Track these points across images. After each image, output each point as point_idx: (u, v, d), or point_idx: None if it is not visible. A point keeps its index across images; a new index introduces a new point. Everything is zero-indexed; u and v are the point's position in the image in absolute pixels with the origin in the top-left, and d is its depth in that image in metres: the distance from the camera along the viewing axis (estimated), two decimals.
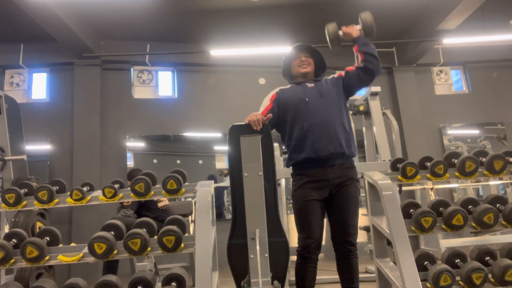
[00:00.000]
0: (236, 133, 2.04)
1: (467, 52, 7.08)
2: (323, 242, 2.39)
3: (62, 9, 5.00)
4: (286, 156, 2.46)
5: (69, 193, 2.60)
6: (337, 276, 2.36)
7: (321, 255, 2.37)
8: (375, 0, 5.59)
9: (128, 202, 3.70)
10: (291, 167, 2.42)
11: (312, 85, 2.43)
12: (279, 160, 4.58)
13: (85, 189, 2.62)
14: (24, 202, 2.57)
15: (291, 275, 4.22)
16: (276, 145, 4.29)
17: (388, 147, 4.42)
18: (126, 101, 6.52)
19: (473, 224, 2.41)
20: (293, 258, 2.33)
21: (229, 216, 6.21)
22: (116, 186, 2.62)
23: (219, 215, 6.30)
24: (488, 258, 2.43)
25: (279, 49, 6.25)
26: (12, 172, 4.16)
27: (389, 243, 2.45)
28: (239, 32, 6.16)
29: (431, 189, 5.02)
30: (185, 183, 2.48)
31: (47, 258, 2.35)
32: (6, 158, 4.04)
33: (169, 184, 2.40)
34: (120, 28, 5.99)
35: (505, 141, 6.98)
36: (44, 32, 5.37)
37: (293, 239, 2.38)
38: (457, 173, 2.64)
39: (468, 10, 5.41)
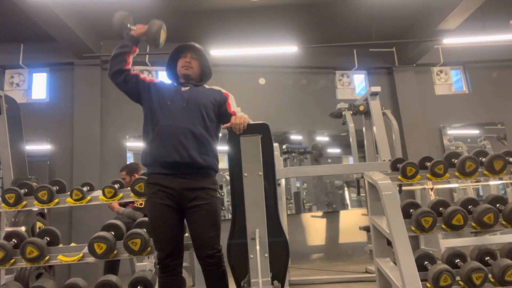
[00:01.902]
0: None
1: (467, 52, 7.08)
2: (323, 242, 2.38)
3: (62, 9, 5.00)
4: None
5: (69, 193, 2.60)
6: (337, 276, 2.35)
7: (321, 255, 2.37)
8: (375, 0, 5.60)
9: (141, 204, 3.68)
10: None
11: (187, 88, 2.25)
12: (279, 160, 4.57)
13: (85, 189, 2.63)
14: (24, 202, 2.57)
15: (291, 275, 4.22)
16: (276, 145, 4.29)
17: (388, 147, 4.42)
18: (126, 101, 6.49)
19: (473, 224, 2.42)
20: (294, 257, 2.32)
21: (229, 216, 6.22)
22: (116, 186, 2.62)
23: None
24: (488, 258, 2.43)
25: (279, 49, 6.26)
26: (12, 172, 4.16)
27: (389, 243, 2.45)
28: (239, 32, 6.17)
29: (431, 189, 5.02)
30: None
31: (47, 258, 2.36)
32: None
33: None
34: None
35: (505, 141, 6.98)
36: (44, 32, 5.37)
37: (293, 239, 2.37)
38: (457, 173, 2.64)
39: (468, 10, 5.41)
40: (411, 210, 2.50)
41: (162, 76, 6.88)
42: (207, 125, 2.18)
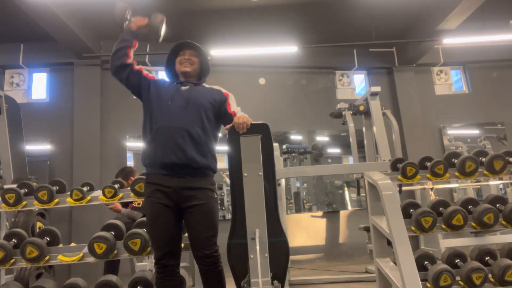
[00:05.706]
0: (236, 133, 2.04)
1: (467, 52, 7.09)
2: (323, 242, 2.38)
3: (62, 9, 5.00)
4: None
5: (69, 193, 2.61)
6: (337, 276, 2.35)
7: (321, 255, 2.36)
8: (375, 0, 5.60)
9: (139, 204, 3.68)
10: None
11: (187, 88, 2.25)
12: (279, 160, 4.57)
13: (85, 189, 2.63)
14: (24, 202, 2.58)
15: (291, 275, 4.22)
16: (276, 145, 4.29)
17: (388, 147, 4.42)
18: (126, 101, 6.51)
19: (473, 224, 2.42)
20: (294, 257, 2.32)
21: (229, 216, 6.22)
22: (116, 186, 2.62)
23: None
24: (488, 258, 2.43)
25: (279, 49, 6.26)
26: (12, 172, 4.16)
27: (389, 243, 2.45)
28: (239, 32, 6.17)
29: (431, 189, 5.02)
30: None
31: (47, 258, 2.36)
32: None
33: None
34: (120, 28, 5.99)
35: (505, 141, 6.98)
36: (44, 32, 5.37)
37: (293, 239, 2.37)
38: (457, 173, 2.64)
39: (468, 10, 5.41)
40: (411, 210, 2.51)
41: (162, 76, 6.88)
42: (205, 125, 2.18)
